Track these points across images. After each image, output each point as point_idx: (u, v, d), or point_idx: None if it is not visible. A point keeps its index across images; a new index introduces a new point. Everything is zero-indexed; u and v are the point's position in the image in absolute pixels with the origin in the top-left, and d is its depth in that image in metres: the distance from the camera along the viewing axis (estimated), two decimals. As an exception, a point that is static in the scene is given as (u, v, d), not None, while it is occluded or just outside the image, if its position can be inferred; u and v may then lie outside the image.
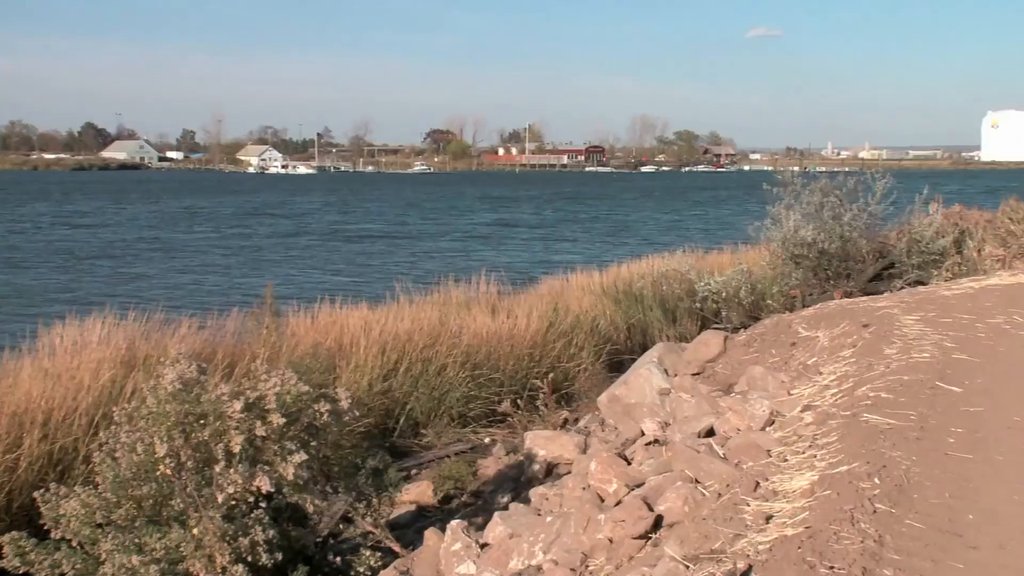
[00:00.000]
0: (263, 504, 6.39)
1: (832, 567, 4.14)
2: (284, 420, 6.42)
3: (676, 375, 9.83)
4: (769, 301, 14.77)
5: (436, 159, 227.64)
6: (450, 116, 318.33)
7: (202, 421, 6.32)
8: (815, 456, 5.67)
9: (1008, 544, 4.46)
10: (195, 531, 6.07)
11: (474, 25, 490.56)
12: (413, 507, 9.45)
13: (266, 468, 6.32)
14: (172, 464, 6.15)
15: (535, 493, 8.22)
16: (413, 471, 10.51)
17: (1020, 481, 5.15)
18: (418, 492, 9.62)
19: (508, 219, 72.25)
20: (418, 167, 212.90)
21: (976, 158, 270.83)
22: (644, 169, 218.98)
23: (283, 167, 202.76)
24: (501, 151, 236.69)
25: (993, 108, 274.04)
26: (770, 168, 21.15)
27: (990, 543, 4.47)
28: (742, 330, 11.56)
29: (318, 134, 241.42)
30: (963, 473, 5.21)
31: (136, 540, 6.13)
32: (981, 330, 8.52)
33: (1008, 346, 7.99)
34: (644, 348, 12.73)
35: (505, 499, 9.03)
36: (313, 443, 6.83)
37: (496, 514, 7.63)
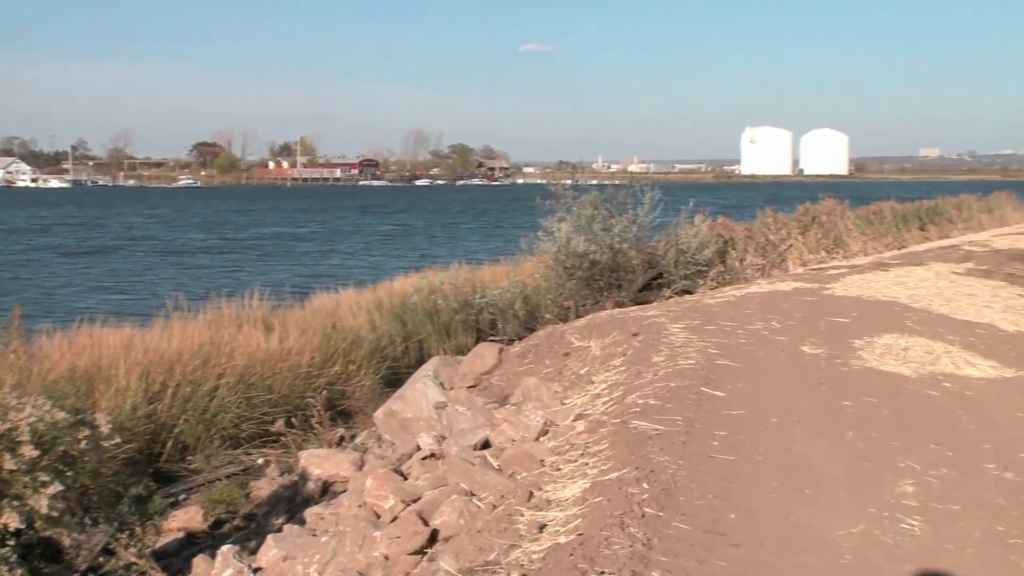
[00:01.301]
0: (11, 541, 5.92)
1: (603, 572, 4.19)
2: (37, 452, 5.98)
3: (452, 388, 9.83)
4: (544, 312, 15.01)
5: (203, 173, 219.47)
6: (218, 129, 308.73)
7: (-64, 456, 5.81)
8: (587, 464, 5.75)
9: (766, 541, 4.65)
10: (-71, 576, 5.57)
11: (245, 34, 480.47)
12: (181, 534, 9.03)
13: (15, 503, 5.87)
14: (-98, 503, 5.62)
15: (310, 513, 8.03)
16: (182, 496, 10.05)
17: (777, 480, 5.40)
18: (186, 518, 9.20)
19: (286, 232, 70.85)
20: (184, 181, 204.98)
21: (737, 171, 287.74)
22: (419, 183, 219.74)
23: (33, 180, 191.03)
24: (272, 165, 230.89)
25: (751, 124, 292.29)
26: (544, 181, 21.61)
27: (750, 540, 4.65)
28: (517, 342, 11.68)
29: (72, 146, 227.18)
30: (726, 474, 5.41)
31: None
32: (742, 336, 8.91)
33: (766, 351, 8.38)
34: (421, 362, 12.64)
35: (279, 521, 8.78)
36: (70, 472, 6.40)
37: (269, 537, 7.40)
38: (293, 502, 9.35)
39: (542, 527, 4.95)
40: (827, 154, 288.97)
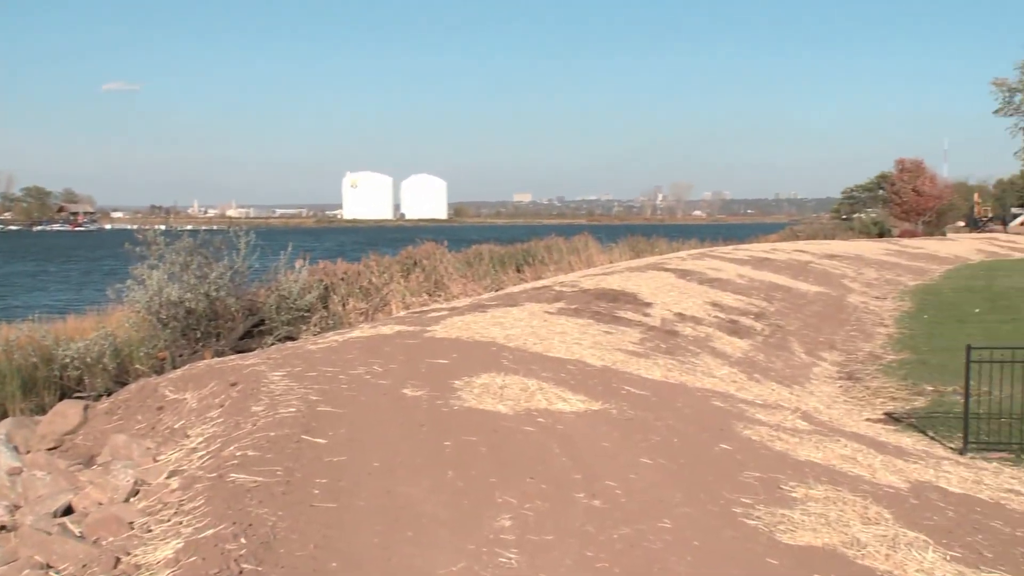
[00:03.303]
0: None
1: (197, 640, 3.92)
2: None
3: (29, 452, 8.94)
4: (137, 365, 14.14)
5: None
6: None
7: None
8: (181, 523, 5.43)
9: (369, 586, 4.57)
10: None
11: None
12: None
13: None
14: None
15: None
16: None
17: (380, 524, 5.34)
18: None
19: None
20: None
21: (339, 216, 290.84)
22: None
23: None
24: None
25: (352, 169, 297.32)
26: (134, 227, 20.58)
27: (353, 588, 4.55)
28: (107, 397, 10.90)
29: None
30: (327, 522, 5.28)
31: None
32: (344, 382, 8.83)
33: (368, 395, 8.36)
34: (-4, 425, 11.45)
35: None
36: None
37: None
38: None
39: (130, 596, 4.58)
40: (427, 199, 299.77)
